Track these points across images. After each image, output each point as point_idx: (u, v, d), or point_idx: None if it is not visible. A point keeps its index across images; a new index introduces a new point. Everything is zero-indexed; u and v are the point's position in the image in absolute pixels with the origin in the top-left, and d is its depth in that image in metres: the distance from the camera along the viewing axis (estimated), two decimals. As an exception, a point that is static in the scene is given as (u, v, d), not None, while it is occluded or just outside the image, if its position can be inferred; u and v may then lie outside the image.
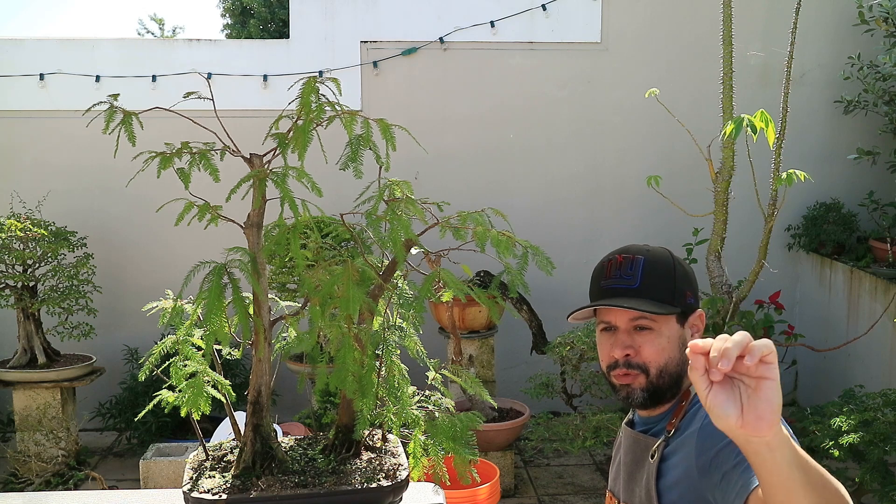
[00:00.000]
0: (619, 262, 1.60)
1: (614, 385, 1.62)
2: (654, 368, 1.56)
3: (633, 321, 1.57)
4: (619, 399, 1.63)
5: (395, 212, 1.63)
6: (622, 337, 1.58)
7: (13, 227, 4.48)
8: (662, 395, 1.59)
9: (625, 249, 1.63)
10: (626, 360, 1.57)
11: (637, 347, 1.57)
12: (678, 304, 1.58)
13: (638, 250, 1.61)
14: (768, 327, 4.87)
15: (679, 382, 1.59)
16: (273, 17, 9.86)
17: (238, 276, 1.62)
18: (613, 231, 5.53)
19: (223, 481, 1.68)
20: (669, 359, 1.57)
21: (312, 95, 1.61)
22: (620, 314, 1.58)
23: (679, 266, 1.62)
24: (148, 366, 1.77)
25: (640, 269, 1.57)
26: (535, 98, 5.48)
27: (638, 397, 1.58)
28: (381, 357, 1.76)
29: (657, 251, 1.63)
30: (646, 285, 1.56)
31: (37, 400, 4.57)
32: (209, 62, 5.19)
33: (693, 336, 1.62)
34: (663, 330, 1.57)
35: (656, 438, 1.59)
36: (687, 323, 1.61)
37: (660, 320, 1.56)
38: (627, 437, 1.71)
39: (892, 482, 3.27)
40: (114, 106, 1.65)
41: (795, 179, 3.32)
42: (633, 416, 1.75)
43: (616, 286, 1.58)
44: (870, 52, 5.20)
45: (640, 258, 1.59)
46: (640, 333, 1.57)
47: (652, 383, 1.57)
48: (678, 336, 1.59)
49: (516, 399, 4.78)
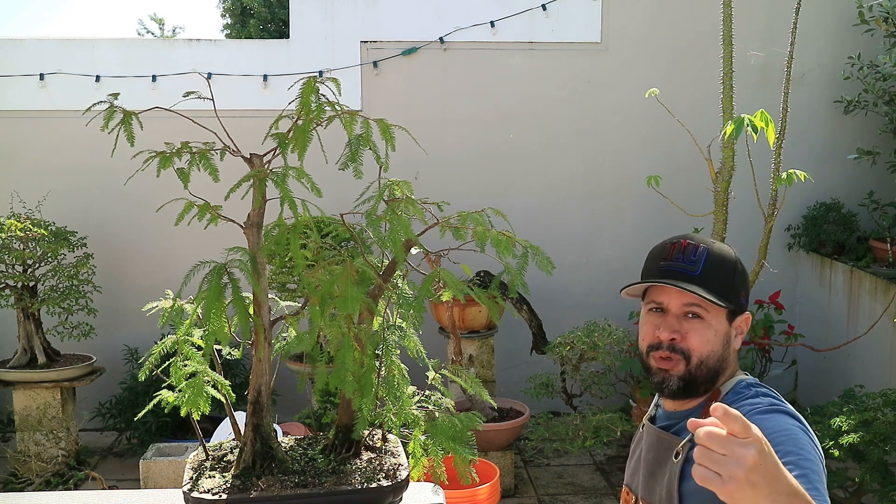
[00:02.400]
0: (684, 247, 1.59)
1: (650, 367, 1.60)
2: (696, 357, 1.55)
3: (687, 307, 1.56)
4: (652, 384, 1.62)
5: (395, 212, 1.63)
6: (671, 320, 1.57)
7: (13, 227, 4.48)
8: (697, 388, 1.58)
9: (690, 236, 1.63)
10: (671, 343, 1.56)
11: (684, 333, 1.56)
12: (733, 301, 1.58)
13: (703, 240, 1.61)
14: (768, 327, 4.88)
15: (715, 379, 1.58)
16: (273, 17, 9.86)
17: (238, 276, 1.62)
18: (613, 231, 5.53)
19: (223, 481, 1.68)
20: (712, 352, 1.56)
21: (312, 95, 1.61)
22: (676, 297, 1.57)
23: (740, 265, 1.62)
24: (148, 366, 1.77)
25: (704, 257, 1.57)
26: (535, 98, 5.48)
27: (673, 384, 1.57)
28: (380, 357, 1.76)
29: (722, 245, 1.63)
30: (706, 275, 1.56)
31: (37, 400, 4.57)
32: (209, 62, 5.19)
33: (736, 338, 1.61)
34: (713, 322, 1.56)
35: (680, 438, 1.58)
36: (734, 322, 1.60)
37: (712, 311, 1.56)
38: (650, 434, 1.69)
39: (892, 482, 3.27)
40: (113, 106, 1.65)
41: (795, 179, 3.32)
42: (654, 411, 1.74)
43: (677, 269, 1.57)
44: (870, 52, 5.20)
45: (705, 247, 1.59)
46: (690, 321, 1.56)
47: (690, 372, 1.56)
48: (724, 332, 1.58)
49: (516, 399, 4.78)
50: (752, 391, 1.56)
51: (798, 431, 1.41)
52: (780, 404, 1.50)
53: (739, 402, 1.53)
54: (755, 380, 1.62)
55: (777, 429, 1.40)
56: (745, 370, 1.68)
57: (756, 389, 1.56)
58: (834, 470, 3.43)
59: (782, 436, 1.38)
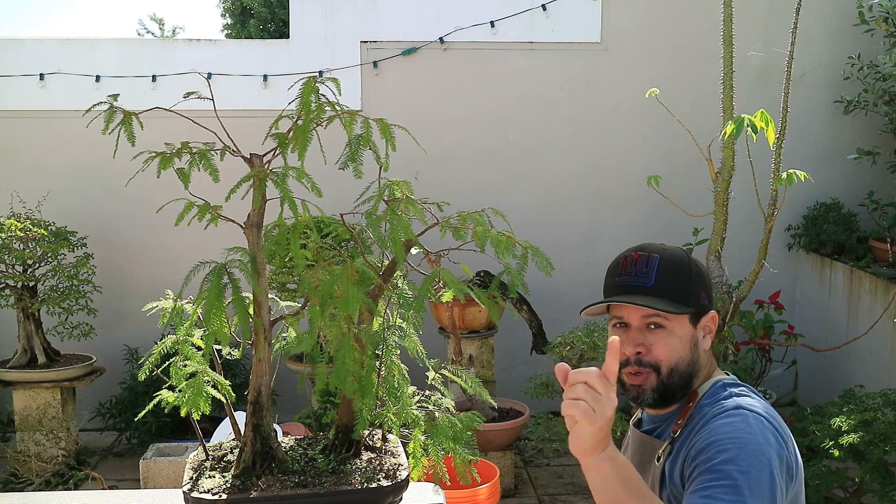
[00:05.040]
0: (635, 260, 1.60)
1: (623, 383, 1.61)
2: (665, 367, 1.56)
3: (646, 319, 1.57)
4: (628, 398, 1.63)
5: (395, 212, 1.63)
6: (634, 334, 1.58)
7: (13, 227, 4.48)
8: (673, 395, 1.59)
9: (641, 247, 1.62)
10: (638, 357, 1.57)
11: (649, 345, 1.56)
12: (692, 304, 1.58)
13: (654, 249, 1.61)
14: (768, 327, 4.87)
15: (689, 383, 1.59)
16: (273, 17, 9.86)
17: (238, 276, 1.62)
18: (613, 231, 5.53)
19: (223, 481, 1.68)
20: (681, 358, 1.57)
21: (312, 95, 1.61)
22: (634, 311, 1.57)
23: (695, 267, 1.62)
24: (148, 366, 1.77)
25: (656, 267, 1.57)
26: (534, 98, 5.48)
27: (648, 397, 1.58)
28: (380, 357, 1.76)
29: (673, 251, 1.63)
30: (660, 284, 1.56)
31: (37, 400, 4.57)
32: (209, 62, 5.19)
33: (705, 338, 1.62)
34: (676, 329, 1.56)
35: (662, 441, 1.59)
36: (699, 324, 1.61)
37: (673, 319, 1.56)
38: (635, 438, 1.70)
39: (892, 482, 3.27)
40: (114, 106, 1.65)
41: (795, 179, 3.31)
42: (641, 414, 1.75)
43: (631, 283, 1.58)
44: (870, 52, 5.20)
45: (657, 256, 1.59)
46: (653, 332, 1.57)
47: (663, 382, 1.57)
48: (690, 336, 1.58)
49: (516, 399, 4.78)
50: (727, 391, 1.56)
51: (747, 437, 1.41)
52: (747, 406, 1.49)
53: (713, 403, 1.54)
54: (733, 378, 1.62)
55: (725, 434, 1.43)
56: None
57: (730, 390, 1.57)
58: (834, 470, 3.42)
59: (729, 441, 1.41)
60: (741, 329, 4.72)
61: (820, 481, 3.33)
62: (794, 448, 1.48)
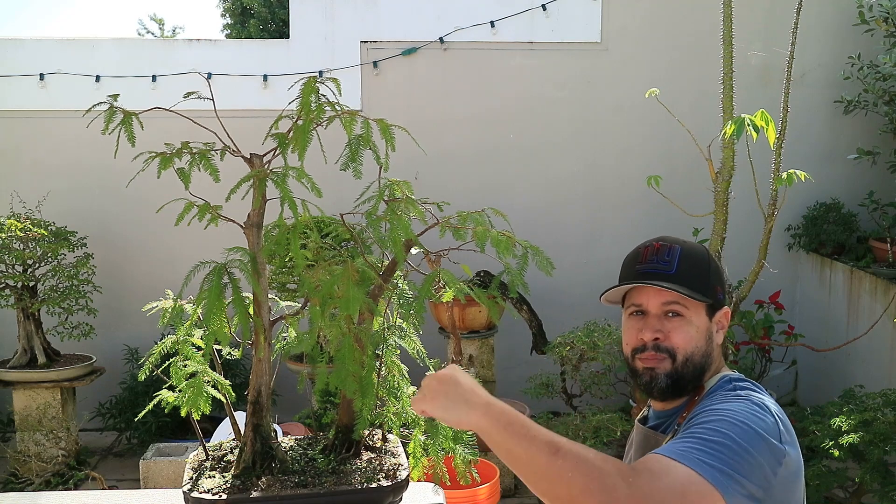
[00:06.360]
0: (657, 248, 1.61)
1: (636, 370, 1.61)
2: (681, 355, 1.56)
3: (666, 305, 1.57)
4: (640, 385, 1.63)
5: (395, 212, 1.63)
6: (652, 321, 1.58)
7: (13, 227, 4.48)
8: (685, 385, 1.59)
9: (662, 238, 1.64)
10: (656, 343, 1.57)
11: (666, 332, 1.57)
12: (710, 296, 1.59)
13: (674, 240, 1.63)
14: (768, 327, 4.88)
15: (701, 375, 1.59)
16: (273, 17, 9.86)
17: (238, 276, 1.62)
18: (613, 231, 5.53)
19: (223, 481, 1.68)
20: (696, 348, 1.57)
21: (312, 95, 1.61)
22: (654, 297, 1.58)
23: (713, 261, 1.64)
24: (148, 366, 1.77)
25: (678, 256, 1.59)
26: (534, 98, 5.48)
27: (661, 382, 1.58)
28: (381, 357, 1.76)
29: (693, 244, 1.65)
30: (681, 272, 1.57)
31: (37, 400, 4.57)
32: (209, 62, 5.19)
33: (718, 332, 1.62)
34: (693, 318, 1.57)
35: (666, 435, 1.59)
36: (714, 318, 1.61)
37: (691, 308, 1.57)
38: (639, 434, 1.70)
39: (892, 482, 3.27)
40: (114, 106, 1.65)
41: (795, 179, 3.31)
42: (647, 411, 1.75)
43: (652, 270, 1.59)
44: (870, 52, 5.20)
45: (678, 247, 1.61)
46: (671, 319, 1.57)
47: (677, 370, 1.57)
48: (706, 328, 1.59)
49: (516, 399, 4.77)
50: (731, 385, 1.57)
51: (735, 415, 1.39)
52: (749, 394, 1.49)
53: (717, 394, 1.55)
54: (739, 375, 1.63)
55: (717, 408, 1.43)
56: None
57: (735, 383, 1.57)
58: (834, 470, 3.42)
59: (715, 413, 1.41)
60: (741, 329, 4.73)
61: (820, 481, 3.33)
62: (794, 439, 1.47)
